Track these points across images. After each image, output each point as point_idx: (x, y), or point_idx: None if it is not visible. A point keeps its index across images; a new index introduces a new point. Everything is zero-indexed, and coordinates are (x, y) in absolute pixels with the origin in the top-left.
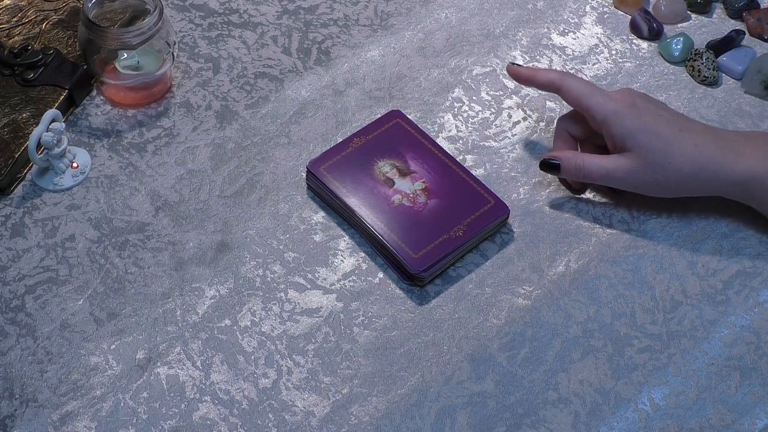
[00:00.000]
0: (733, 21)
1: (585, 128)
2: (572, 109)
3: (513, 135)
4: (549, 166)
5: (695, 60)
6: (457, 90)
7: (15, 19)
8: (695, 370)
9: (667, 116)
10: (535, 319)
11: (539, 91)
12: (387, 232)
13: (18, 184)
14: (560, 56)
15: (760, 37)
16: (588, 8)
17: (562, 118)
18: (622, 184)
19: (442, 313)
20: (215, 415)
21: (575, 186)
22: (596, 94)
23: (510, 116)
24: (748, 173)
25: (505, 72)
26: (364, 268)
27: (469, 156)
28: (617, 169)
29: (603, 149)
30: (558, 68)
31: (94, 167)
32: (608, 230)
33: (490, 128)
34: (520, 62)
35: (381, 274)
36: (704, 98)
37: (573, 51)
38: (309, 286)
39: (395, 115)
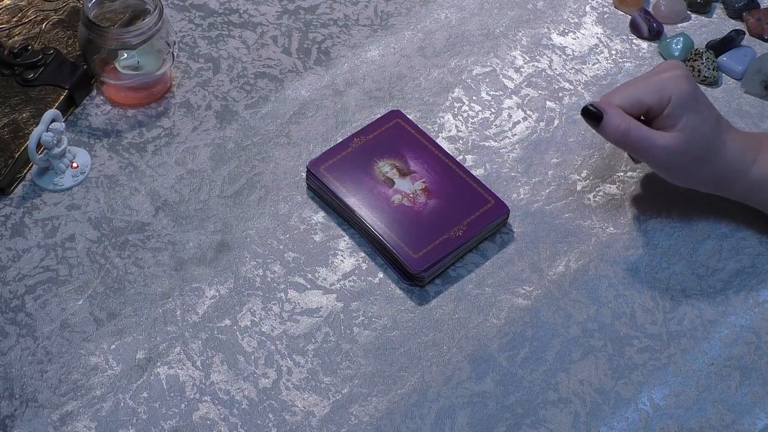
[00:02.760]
0: (733, 21)
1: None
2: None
3: (513, 135)
4: (591, 115)
5: (695, 60)
6: (457, 90)
7: (15, 19)
8: (695, 370)
9: (717, 112)
10: (535, 319)
11: (539, 91)
12: (387, 232)
13: (18, 184)
14: (560, 56)
15: (760, 37)
16: (588, 8)
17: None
18: (655, 161)
19: (442, 313)
20: (215, 415)
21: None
22: (651, 86)
23: (510, 116)
24: (761, 178)
25: (505, 72)
26: (364, 268)
27: (469, 156)
28: (662, 147)
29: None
30: (558, 68)
31: (94, 167)
32: (608, 230)
33: (490, 128)
34: (521, 62)
35: (381, 274)
36: None
37: (573, 51)
38: (309, 286)
39: (395, 115)
